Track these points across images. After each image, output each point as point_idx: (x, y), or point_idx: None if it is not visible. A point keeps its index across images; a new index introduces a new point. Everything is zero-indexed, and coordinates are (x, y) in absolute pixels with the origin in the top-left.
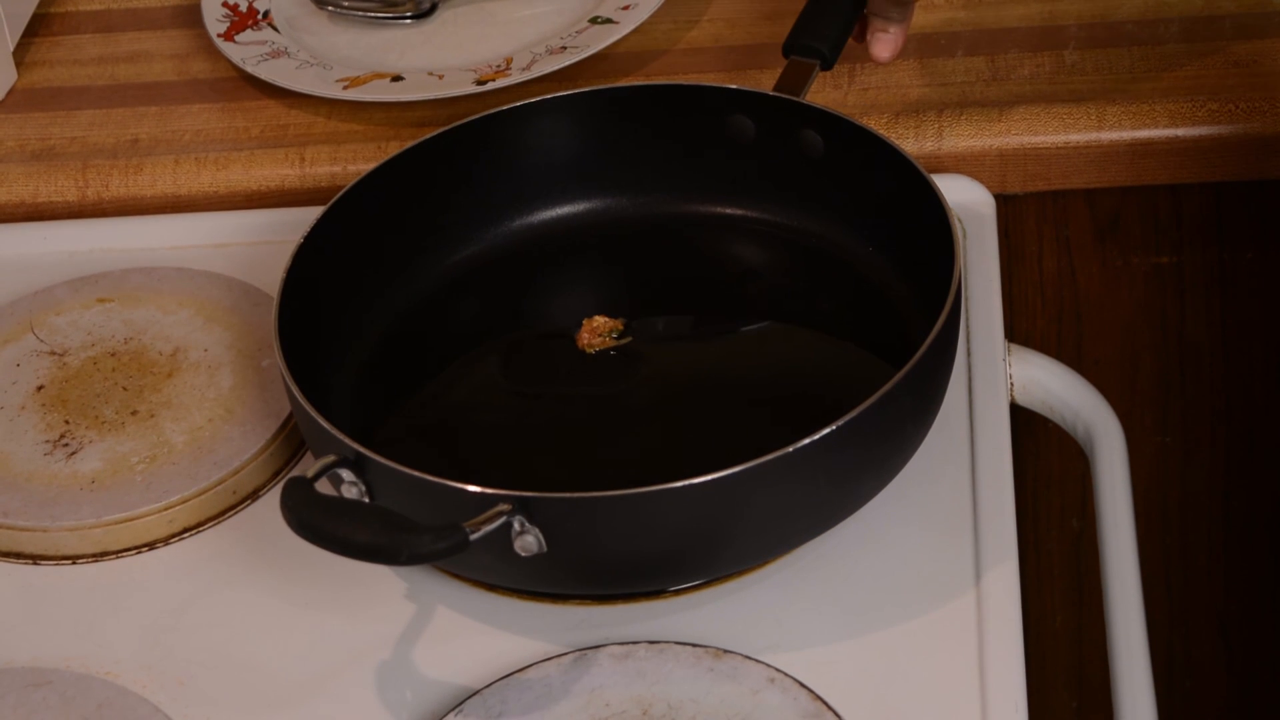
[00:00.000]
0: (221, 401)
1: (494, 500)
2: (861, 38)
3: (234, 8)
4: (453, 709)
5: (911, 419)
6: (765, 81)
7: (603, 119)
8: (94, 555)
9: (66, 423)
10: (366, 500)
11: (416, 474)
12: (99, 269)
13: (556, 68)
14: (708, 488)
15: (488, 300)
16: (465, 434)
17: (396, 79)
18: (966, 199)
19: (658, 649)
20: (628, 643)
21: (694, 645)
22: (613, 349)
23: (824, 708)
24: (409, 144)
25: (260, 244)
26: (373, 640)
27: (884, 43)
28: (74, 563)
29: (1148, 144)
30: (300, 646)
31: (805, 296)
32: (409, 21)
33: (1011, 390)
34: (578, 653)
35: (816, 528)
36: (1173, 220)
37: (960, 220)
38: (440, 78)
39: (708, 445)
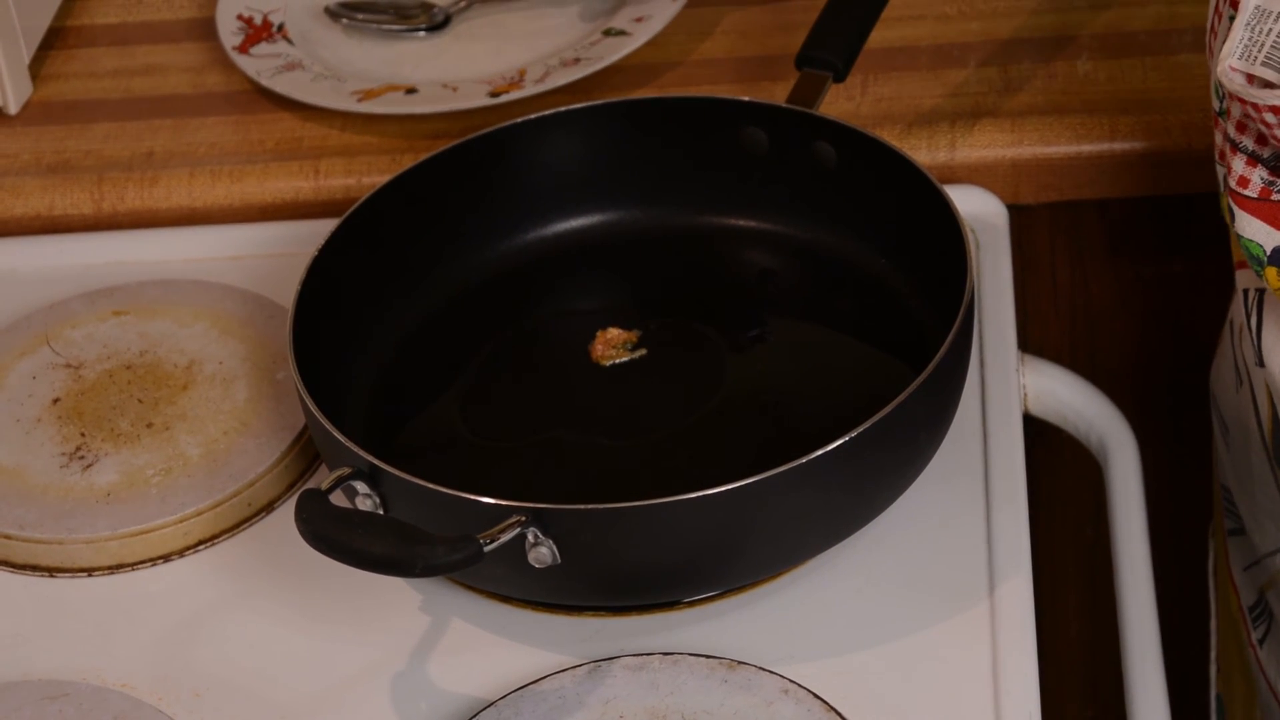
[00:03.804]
0: (236, 414)
1: (508, 512)
2: None
3: (249, 21)
4: None
5: (925, 430)
6: (778, 93)
7: (616, 131)
8: (110, 568)
9: (82, 435)
10: (381, 512)
11: (430, 486)
12: (114, 282)
13: (570, 80)
14: (722, 499)
15: (501, 312)
16: (479, 446)
17: (410, 91)
18: (979, 210)
19: (672, 660)
20: (642, 654)
21: (708, 656)
22: (627, 361)
23: (838, 719)
24: (423, 156)
25: (275, 256)
26: (387, 652)
27: None
28: (90, 575)
29: (1161, 154)
30: (315, 658)
31: (818, 308)
32: (423, 34)
33: (1025, 400)
34: (592, 664)
35: (830, 539)
36: (1185, 230)
37: (973, 231)
38: (454, 90)
39: (722, 456)
